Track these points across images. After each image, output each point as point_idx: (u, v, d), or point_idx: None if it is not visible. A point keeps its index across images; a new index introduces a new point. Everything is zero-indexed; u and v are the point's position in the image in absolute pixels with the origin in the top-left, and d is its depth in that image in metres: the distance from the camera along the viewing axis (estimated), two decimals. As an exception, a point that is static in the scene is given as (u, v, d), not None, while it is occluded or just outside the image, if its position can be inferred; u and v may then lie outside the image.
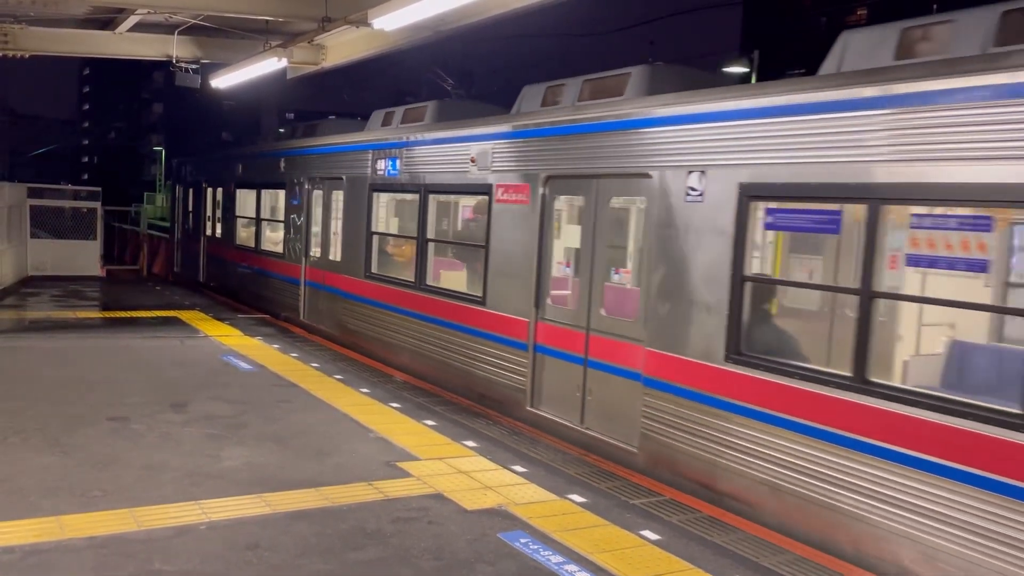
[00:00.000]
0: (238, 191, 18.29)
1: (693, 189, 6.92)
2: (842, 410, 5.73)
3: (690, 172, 6.95)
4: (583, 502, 6.30)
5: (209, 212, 20.27)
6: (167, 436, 7.44)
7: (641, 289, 7.56)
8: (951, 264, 5.51)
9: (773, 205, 6.45)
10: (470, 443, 7.73)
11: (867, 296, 5.65)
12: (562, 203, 8.83)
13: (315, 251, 14.32)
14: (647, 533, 5.76)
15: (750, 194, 6.46)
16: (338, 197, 13.42)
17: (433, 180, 10.74)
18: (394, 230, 12.57)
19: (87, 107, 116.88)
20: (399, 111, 12.52)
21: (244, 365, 10.72)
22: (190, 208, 21.91)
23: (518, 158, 9.15)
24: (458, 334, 10.06)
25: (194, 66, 15.87)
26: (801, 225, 6.54)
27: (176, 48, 15.14)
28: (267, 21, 13.19)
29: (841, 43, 6.54)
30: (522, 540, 5.51)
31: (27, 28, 14.53)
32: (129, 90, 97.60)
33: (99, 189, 22.65)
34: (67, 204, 21.64)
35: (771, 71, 24.04)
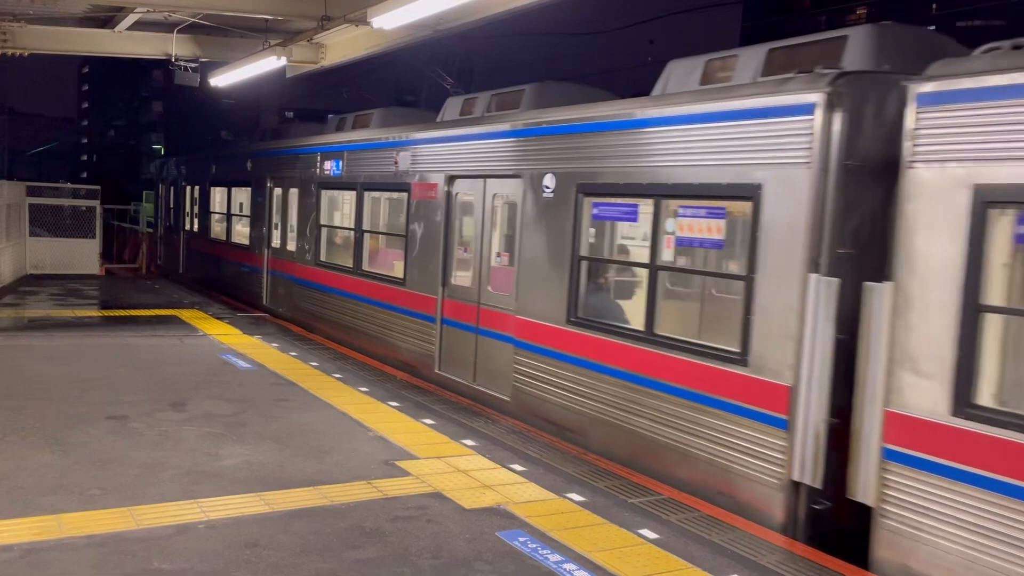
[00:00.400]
0: (212, 189, 19.70)
1: (547, 187, 8.59)
2: (638, 356, 7.35)
3: (545, 173, 8.60)
4: (582, 501, 6.32)
5: (188, 208, 21.59)
6: (166, 435, 7.45)
7: (514, 268, 9.10)
8: (701, 243, 7.03)
9: (598, 200, 8.05)
10: (469, 442, 7.74)
11: (654, 269, 7.30)
12: (461, 198, 10.29)
13: (275, 242, 15.70)
14: (645, 532, 5.77)
15: (584, 191, 8.12)
16: (294, 194, 14.95)
17: (367, 179, 12.39)
18: (338, 222, 14.11)
19: (86, 105, 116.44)
20: (350, 117, 14.20)
21: (243, 364, 10.73)
22: (171, 205, 23.23)
23: (429, 160, 10.79)
24: (386, 311, 11.71)
25: (193, 64, 15.90)
26: (615, 215, 8.15)
27: (175, 46, 15.17)
28: (266, 20, 13.21)
29: (667, 70, 7.99)
30: (521, 539, 5.53)
31: (26, 26, 14.53)
32: (128, 88, 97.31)
33: (98, 187, 22.64)
34: (66, 202, 21.63)
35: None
